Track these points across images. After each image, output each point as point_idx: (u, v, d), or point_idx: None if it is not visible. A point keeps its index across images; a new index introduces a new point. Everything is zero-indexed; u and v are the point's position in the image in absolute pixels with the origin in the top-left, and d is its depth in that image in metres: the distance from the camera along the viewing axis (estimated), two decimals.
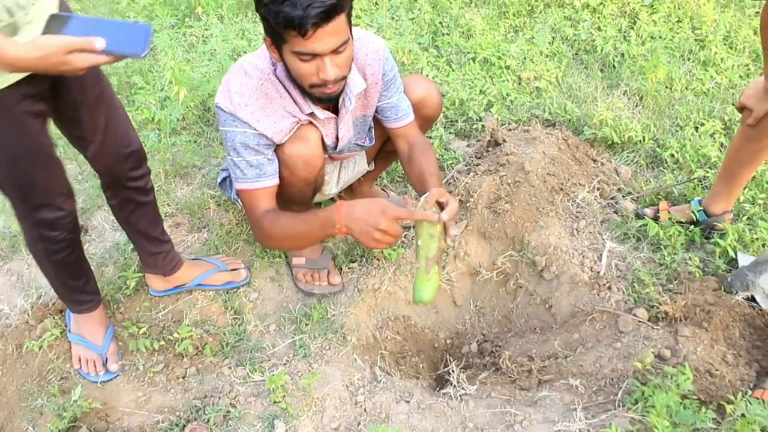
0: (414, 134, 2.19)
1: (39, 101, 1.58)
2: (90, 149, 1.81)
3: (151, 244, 2.17)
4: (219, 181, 2.45)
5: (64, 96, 1.65)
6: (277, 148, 1.98)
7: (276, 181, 1.99)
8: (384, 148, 2.38)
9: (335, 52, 1.68)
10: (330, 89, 1.77)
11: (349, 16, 1.68)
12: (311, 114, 1.95)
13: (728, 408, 1.77)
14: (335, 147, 2.14)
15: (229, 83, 1.90)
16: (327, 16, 1.58)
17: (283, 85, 1.90)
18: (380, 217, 1.66)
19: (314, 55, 1.67)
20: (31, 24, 1.45)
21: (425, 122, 2.32)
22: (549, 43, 3.65)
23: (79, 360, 2.09)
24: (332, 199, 2.66)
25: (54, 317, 2.22)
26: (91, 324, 2.09)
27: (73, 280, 1.98)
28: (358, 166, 2.40)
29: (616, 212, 2.63)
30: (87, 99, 1.71)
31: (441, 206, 1.80)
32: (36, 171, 1.66)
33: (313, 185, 2.13)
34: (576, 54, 3.68)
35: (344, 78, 1.80)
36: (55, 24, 1.36)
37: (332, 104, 2.00)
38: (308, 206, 2.25)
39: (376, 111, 2.16)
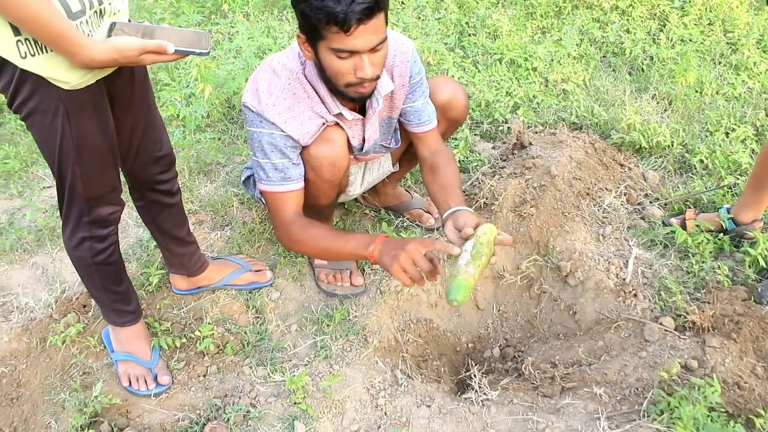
0: (436, 142, 2.16)
1: (112, 99, 1.62)
2: (125, 150, 1.81)
3: (177, 245, 2.17)
4: (243, 179, 2.44)
5: (120, 95, 1.66)
6: (303, 149, 1.97)
7: (301, 185, 1.97)
8: (409, 150, 2.35)
9: (373, 50, 1.68)
10: (365, 88, 1.77)
11: (386, 14, 1.68)
12: (338, 115, 1.94)
13: (757, 422, 1.74)
14: (361, 148, 2.12)
15: (257, 82, 1.89)
16: (370, 12, 1.59)
17: (312, 85, 1.89)
18: (411, 242, 1.67)
19: (353, 53, 1.67)
20: (116, 15, 1.50)
21: (451, 125, 2.30)
22: (576, 44, 3.61)
23: (128, 378, 2.06)
24: (356, 200, 2.65)
25: (77, 312, 2.24)
26: (137, 339, 2.08)
27: (116, 285, 1.96)
28: (383, 167, 2.38)
29: (643, 218, 2.59)
30: (135, 101, 1.72)
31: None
32: (109, 166, 1.68)
33: (338, 187, 2.11)
34: (604, 56, 3.64)
35: (378, 77, 1.79)
36: (118, 30, 1.46)
37: (359, 105, 1.98)
38: (332, 208, 2.24)
39: (399, 114, 2.14)
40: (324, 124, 1.95)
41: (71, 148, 1.56)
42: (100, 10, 1.44)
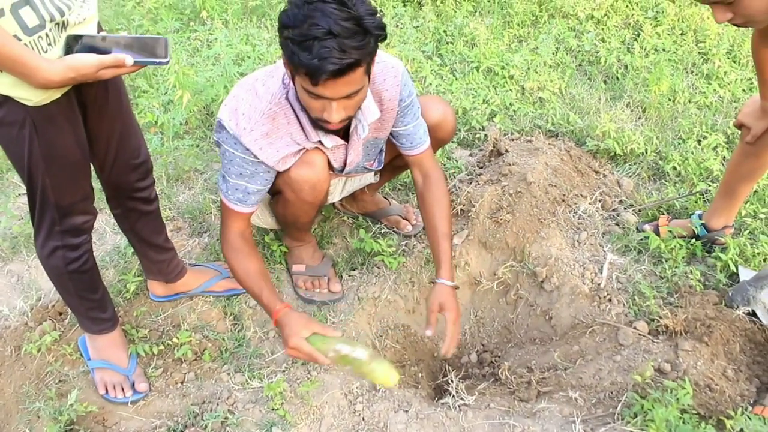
0: (429, 164, 2.12)
1: (82, 108, 1.60)
2: (102, 159, 1.80)
3: (155, 252, 2.16)
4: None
5: (92, 103, 1.65)
6: (283, 172, 1.95)
7: (254, 209, 1.95)
8: (392, 163, 2.35)
9: (346, 97, 1.63)
10: (333, 126, 1.73)
11: (368, 65, 1.62)
12: (318, 142, 1.91)
13: (728, 423, 1.77)
14: (342, 170, 2.12)
15: (237, 100, 1.85)
16: (341, 73, 1.54)
17: (293, 110, 1.84)
18: (288, 340, 1.73)
19: (322, 98, 1.63)
20: (82, 24, 1.47)
21: (437, 143, 2.27)
22: (553, 53, 3.66)
23: (105, 386, 2.05)
24: (333, 206, 2.66)
25: (53, 320, 2.22)
26: (113, 346, 2.07)
27: (91, 293, 1.95)
28: (364, 178, 2.38)
29: (617, 224, 2.63)
30: (109, 109, 1.70)
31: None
32: (80, 176, 1.67)
33: (319, 206, 2.12)
34: (579, 65, 3.69)
35: (350, 118, 1.75)
36: (75, 43, 1.43)
37: (343, 131, 1.96)
38: (312, 222, 2.28)
39: (391, 135, 2.10)
40: (302, 150, 1.93)
41: (40, 159, 1.55)
42: (63, 22, 1.41)
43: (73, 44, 1.43)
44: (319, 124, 1.78)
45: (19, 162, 1.56)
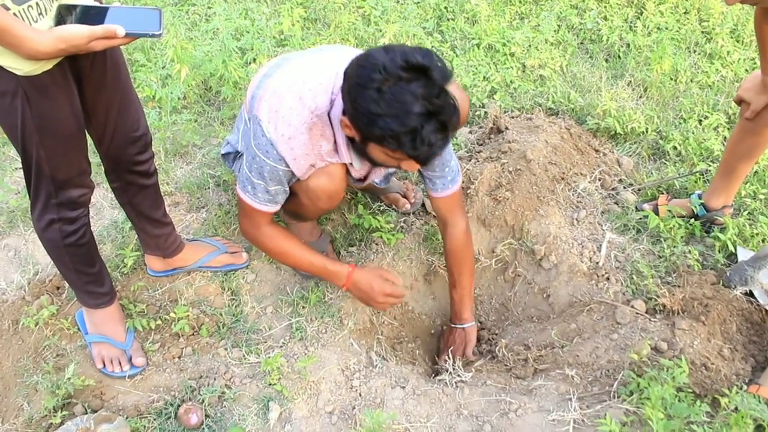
0: (452, 212, 2.12)
1: (77, 79, 1.58)
2: (101, 131, 1.78)
3: (153, 227, 2.15)
4: (222, 152, 2.36)
5: (88, 75, 1.62)
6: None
7: (279, 206, 1.98)
8: None
9: None
10: None
11: None
12: (350, 164, 1.93)
13: (722, 401, 1.77)
14: (358, 182, 2.14)
15: (280, 101, 1.79)
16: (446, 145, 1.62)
17: (333, 129, 1.82)
18: (379, 295, 2.00)
19: None
20: None
21: None
22: (554, 31, 3.62)
23: (102, 360, 2.05)
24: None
25: (51, 294, 2.22)
26: (111, 321, 2.07)
27: (88, 267, 1.94)
28: None
29: (616, 203, 2.62)
30: (108, 81, 1.68)
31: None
32: (75, 148, 1.65)
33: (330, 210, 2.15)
34: (581, 43, 3.66)
35: None
36: (67, 13, 1.40)
37: None
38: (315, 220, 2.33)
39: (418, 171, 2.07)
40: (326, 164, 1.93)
41: (33, 131, 1.53)
42: None
43: (65, 14, 1.40)
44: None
45: (13, 133, 1.55)
